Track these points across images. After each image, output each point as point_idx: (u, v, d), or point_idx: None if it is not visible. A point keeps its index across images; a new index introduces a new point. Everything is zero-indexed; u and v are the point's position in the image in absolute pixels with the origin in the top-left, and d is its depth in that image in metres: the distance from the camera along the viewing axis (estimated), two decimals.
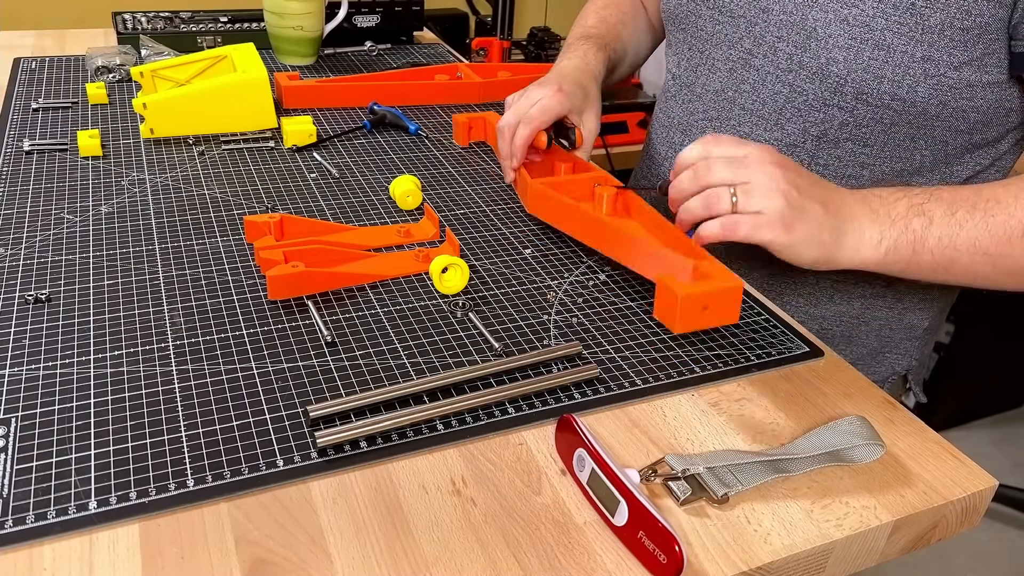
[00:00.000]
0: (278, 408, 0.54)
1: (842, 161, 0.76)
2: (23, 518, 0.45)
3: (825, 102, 0.73)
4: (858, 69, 0.69)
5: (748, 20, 0.76)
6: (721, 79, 0.80)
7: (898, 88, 0.69)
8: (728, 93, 0.79)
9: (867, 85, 0.69)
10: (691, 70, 0.83)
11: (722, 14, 0.78)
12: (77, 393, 0.54)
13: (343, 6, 1.22)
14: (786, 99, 0.75)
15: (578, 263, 0.74)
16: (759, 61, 0.76)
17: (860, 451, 0.54)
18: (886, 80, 0.68)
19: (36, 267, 0.67)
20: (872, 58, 0.68)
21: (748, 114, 0.78)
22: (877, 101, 0.70)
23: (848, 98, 0.71)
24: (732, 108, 0.79)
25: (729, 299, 0.58)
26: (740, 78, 0.78)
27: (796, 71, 0.73)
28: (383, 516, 0.47)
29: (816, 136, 0.75)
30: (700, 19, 0.80)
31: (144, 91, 0.98)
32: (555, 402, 0.56)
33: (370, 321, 0.63)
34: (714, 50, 0.80)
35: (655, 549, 0.44)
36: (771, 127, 0.77)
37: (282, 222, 0.71)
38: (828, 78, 0.71)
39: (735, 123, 0.79)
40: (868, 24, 0.68)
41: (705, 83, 0.82)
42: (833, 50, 0.70)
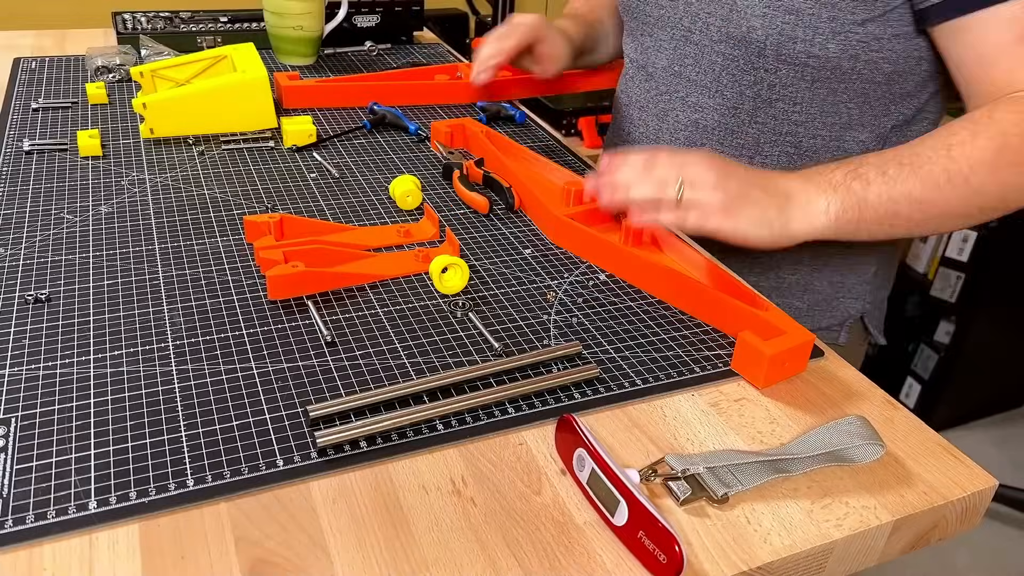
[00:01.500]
0: (278, 408, 0.54)
1: (778, 120, 0.82)
2: (23, 518, 0.45)
3: (753, 66, 0.80)
4: (774, 33, 0.77)
5: (685, 1, 0.84)
6: (668, 56, 0.87)
7: (811, 47, 0.76)
8: (675, 68, 0.87)
9: (784, 47, 0.77)
10: (643, 52, 0.91)
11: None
12: (77, 393, 0.54)
13: (343, 6, 1.22)
14: (722, 67, 0.82)
15: (578, 263, 0.74)
16: (696, 36, 0.84)
17: (860, 451, 0.54)
18: (799, 41, 0.76)
19: (36, 267, 0.67)
20: (784, 22, 0.76)
21: (693, 84, 0.86)
22: (795, 60, 0.77)
23: (770, 60, 0.78)
24: (679, 81, 0.87)
25: (804, 352, 0.62)
26: (683, 53, 0.86)
27: (725, 41, 0.81)
28: (383, 516, 0.47)
29: (752, 97, 0.82)
30: (647, 6, 0.89)
31: (144, 91, 0.98)
32: (555, 402, 0.56)
33: (370, 321, 0.63)
34: (660, 32, 0.88)
35: (655, 549, 0.44)
36: (713, 94, 0.84)
37: (282, 222, 0.71)
38: (751, 44, 0.79)
39: (683, 94, 0.87)
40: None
41: (655, 62, 0.89)
42: (751, 19, 0.77)
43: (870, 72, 0.77)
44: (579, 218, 0.75)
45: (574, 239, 0.75)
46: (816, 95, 0.79)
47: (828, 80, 0.78)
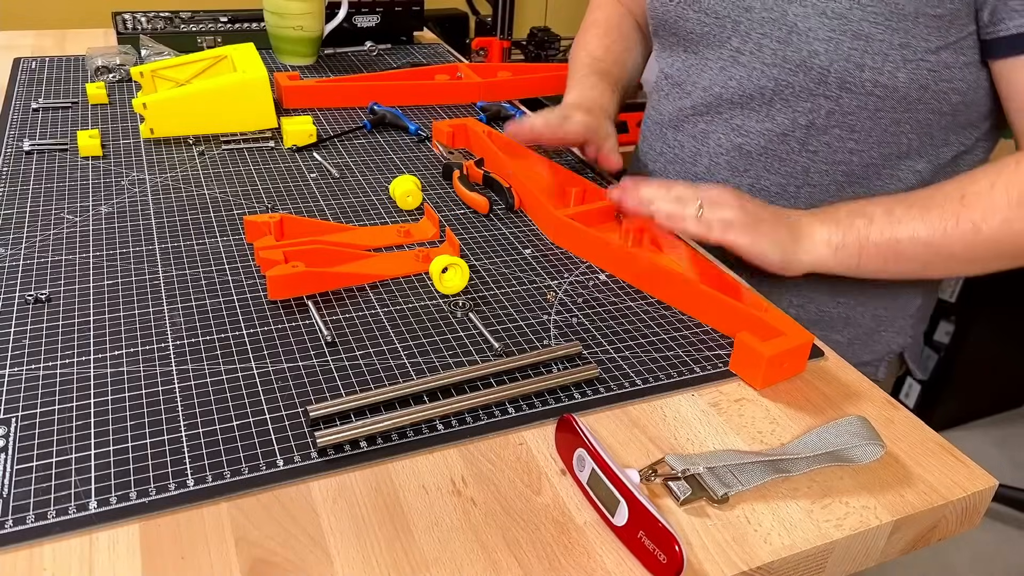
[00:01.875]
0: (278, 408, 0.54)
1: (832, 148, 0.78)
2: (23, 518, 0.45)
3: (811, 92, 0.75)
4: (839, 59, 0.72)
5: (733, 20, 0.79)
6: (711, 76, 0.83)
7: (879, 75, 0.72)
8: (715, 89, 0.82)
9: (849, 74, 0.72)
10: (684, 69, 0.86)
11: (708, 16, 0.81)
12: (77, 393, 0.54)
13: (343, 6, 1.22)
14: (773, 91, 0.78)
15: (578, 263, 0.74)
16: (746, 58, 0.79)
17: (860, 451, 0.54)
18: (867, 68, 0.71)
19: (36, 267, 0.67)
20: (852, 48, 0.71)
21: (738, 108, 0.81)
22: (860, 89, 0.73)
23: (832, 87, 0.74)
24: (722, 103, 0.82)
25: (803, 353, 0.62)
26: (729, 75, 0.81)
27: (781, 65, 0.76)
28: (383, 516, 0.47)
29: (805, 125, 0.77)
30: (688, 22, 0.83)
31: (144, 91, 0.98)
32: (555, 402, 0.56)
33: (370, 321, 0.63)
34: (705, 50, 0.83)
35: (655, 549, 0.44)
36: (761, 118, 0.79)
37: (282, 222, 0.71)
38: (812, 70, 0.74)
39: (727, 116, 0.82)
40: (845, 16, 0.71)
41: (696, 80, 0.84)
42: (814, 43, 0.73)
43: (937, 102, 0.73)
44: (579, 218, 0.75)
45: (574, 239, 0.75)
46: (877, 124, 0.75)
47: (893, 109, 0.74)
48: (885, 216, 0.68)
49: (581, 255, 0.75)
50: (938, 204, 0.67)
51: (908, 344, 0.90)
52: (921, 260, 0.68)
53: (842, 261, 0.69)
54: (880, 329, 0.87)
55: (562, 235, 0.76)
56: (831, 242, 0.68)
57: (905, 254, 0.67)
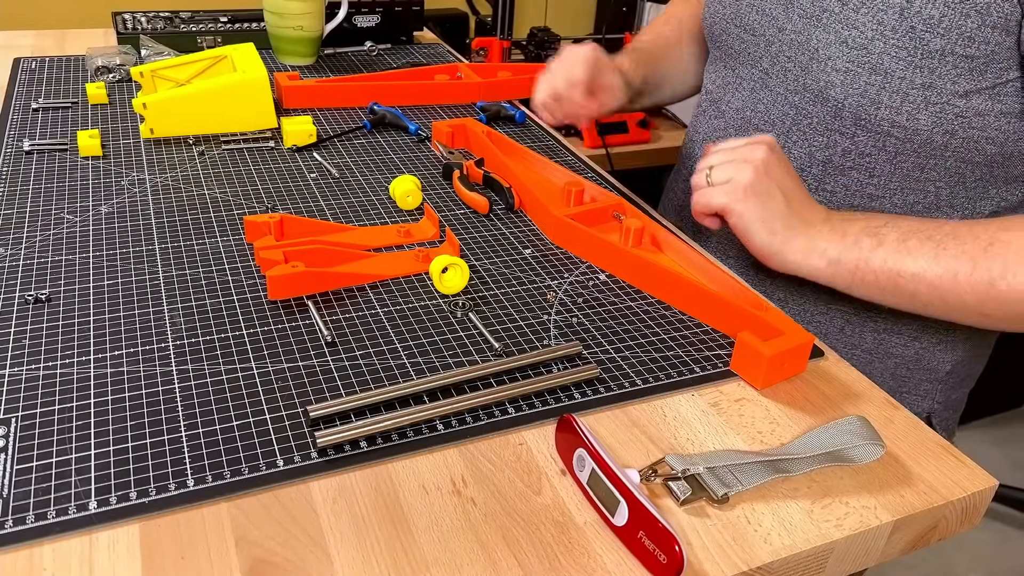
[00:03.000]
0: (278, 408, 0.54)
1: (849, 191, 0.74)
2: (23, 518, 0.45)
3: (827, 127, 0.72)
4: (855, 93, 0.68)
5: (767, 39, 0.76)
6: (743, 97, 0.80)
7: (897, 115, 0.67)
8: (746, 112, 0.80)
9: (864, 110, 0.68)
10: (721, 87, 0.84)
11: (746, 32, 0.78)
12: (77, 393, 0.54)
13: (343, 6, 1.22)
14: (793, 121, 0.75)
15: (578, 263, 0.74)
16: (773, 81, 0.76)
17: (860, 451, 0.54)
18: (883, 106, 0.67)
19: (36, 267, 0.67)
20: (869, 83, 0.67)
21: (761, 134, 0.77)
22: (876, 128, 0.69)
23: (847, 123, 0.70)
24: (748, 127, 0.80)
25: (803, 353, 0.62)
26: (757, 98, 0.78)
27: (801, 93, 0.73)
28: (383, 516, 0.47)
29: (822, 162, 0.74)
30: (729, 37, 0.81)
31: (144, 91, 0.98)
32: (555, 402, 0.56)
33: (370, 321, 0.63)
34: (741, 68, 0.80)
35: (655, 549, 0.44)
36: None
37: (282, 222, 0.71)
38: (828, 101, 0.71)
39: None
40: (866, 47, 0.66)
41: (730, 100, 0.82)
42: (831, 73, 0.69)
43: (968, 151, 0.67)
44: (579, 218, 0.75)
45: (574, 239, 0.75)
46: (899, 169, 0.70)
47: (915, 154, 0.69)
48: (897, 243, 0.62)
49: (581, 255, 0.75)
50: (960, 243, 0.61)
51: (936, 410, 0.84)
52: (921, 300, 0.63)
53: (834, 277, 0.65)
54: (901, 390, 0.82)
55: (562, 235, 0.76)
56: (826, 255, 0.64)
57: (904, 289, 0.63)
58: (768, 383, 0.60)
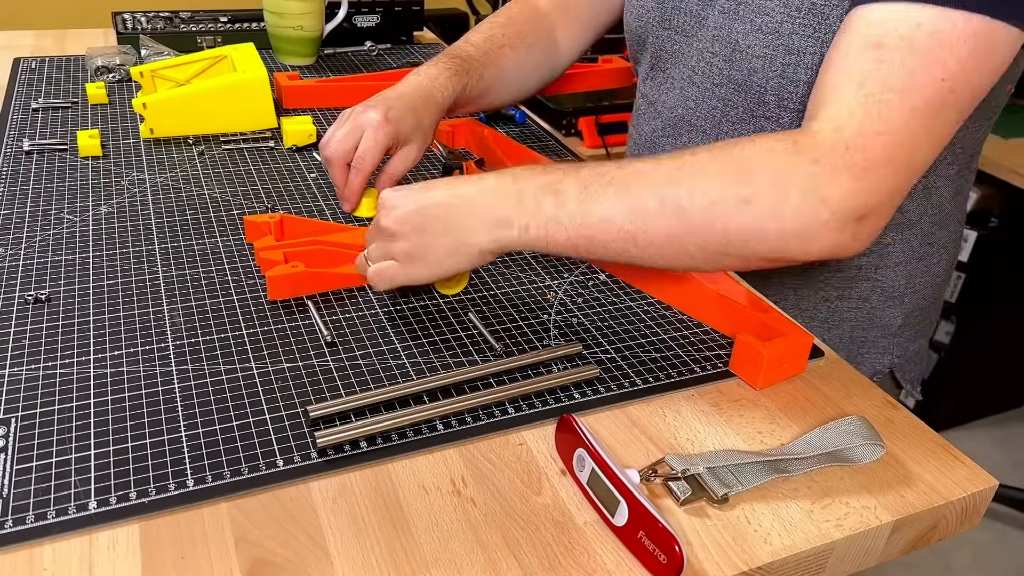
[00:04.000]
0: (278, 408, 0.54)
1: None
2: (23, 518, 0.45)
3: (753, 114, 0.73)
4: (775, 76, 0.69)
5: (695, 37, 0.77)
6: (675, 96, 0.81)
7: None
8: (679, 111, 0.80)
9: (786, 91, 0.69)
10: (655, 88, 0.85)
11: (676, 33, 0.79)
12: (77, 393, 0.54)
13: (343, 6, 1.22)
14: (722, 113, 0.76)
15: (578, 263, 0.74)
16: (699, 77, 0.77)
17: (860, 451, 0.54)
18: (801, 83, 0.68)
19: (36, 267, 0.67)
20: (785, 63, 0.68)
21: (694, 130, 0.79)
22: (798, 106, 0.70)
23: (772, 107, 0.71)
24: (681, 125, 0.81)
25: (803, 353, 0.62)
26: (687, 95, 0.79)
27: (726, 85, 0.74)
28: (383, 516, 0.47)
29: None
30: (658, 39, 0.81)
31: (144, 91, 0.98)
32: (555, 402, 0.56)
33: (370, 321, 0.63)
34: (671, 68, 0.81)
35: (655, 549, 0.44)
36: (711, 140, 0.77)
37: (282, 222, 0.71)
38: (751, 89, 0.72)
39: (685, 140, 0.80)
40: (777, 30, 0.68)
41: (664, 101, 0.83)
42: (752, 60, 0.70)
43: None
44: None
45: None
46: None
47: None
48: (578, 194, 0.57)
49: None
50: (644, 177, 0.56)
51: (897, 363, 0.86)
52: (616, 248, 0.57)
53: (532, 242, 0.59)
54: (861, 351, 0.84)
55: None
56: (513, 226, 0.58)
57: (597, 240, 0.57)
58: (767, 383, 0.60)
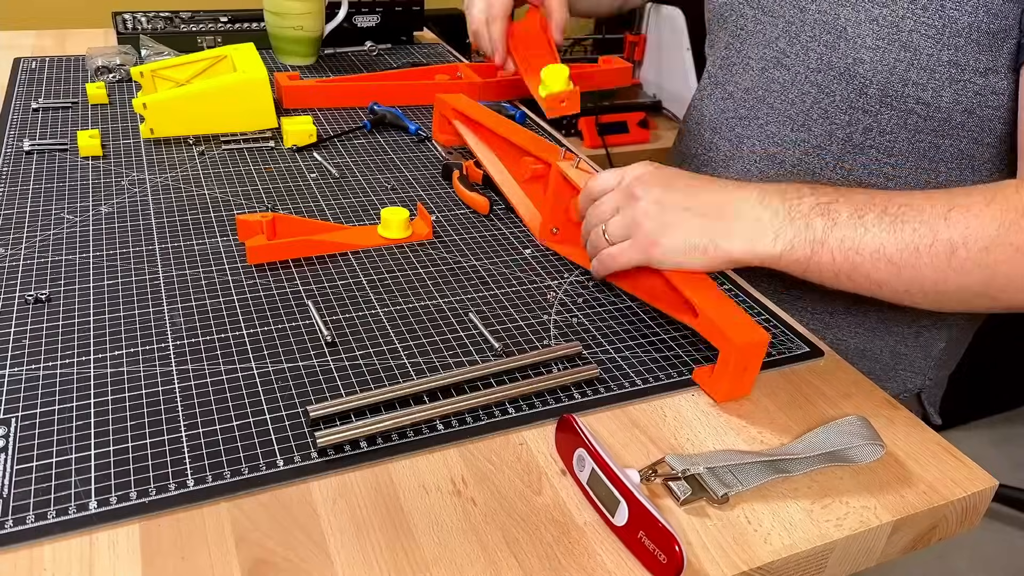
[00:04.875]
0: (278, 408, 0.54)
1: (867, 169, 0.75)
2: (23, 518, 0.45)
3: (851, 104, 0.72)
4: (884, 70, 0.69)
5: (786, 19, 0.76)
6: (753, 77, 0.80)
7: (923, 92, 0.68)
8: (758, 92, 0.79)
9: (892, 87, 0.69)
10: (726, 68, 0.84)
11: (764, 13, 0.78)
12: (77, 393, 0.54)
13: (343, 6, 1.22)
14: (814, 100, 0.75)
15: (579, 263, 0.73)
16: (791, 60, 0.76)
17: (860, 451, 0.54)
18: (911, 83, 0.68)
19: (36, 267, 0.67)
20: (898, 59, 0.68)
21: (776, 113, 0.78)
22: (902, 105, 0.69)
23: (873, 101, 0.71)
24: (761, 107, 0.79)
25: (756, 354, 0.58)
26: (771, 77, 0.78)
27: (825, 71, 0.73)
28: (383, 516, 0.47)
29: (842, 139, 0.74)
30: (742, 17, 0.81)
31: (144, 91, 0.98)
32: (555, 402, 0.56)
33: (370, 321, 0.63)
34: (750, 49, 0.80)
35: (655, 549, 0.44)
36: (798, 128, 0.77)
37: (274, 221, 0.71)
38: (854, 79, 0.71)
39: (763, 122, 0.79)
40: (897, 24, 0.67)
41: (738, 81, 0.82)
42: (861, 50, 0.70)
43: (981, 131, 0.69)
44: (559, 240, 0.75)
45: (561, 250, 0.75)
46: (916, 148, 0.71)
47: (933, 133, 0.70)
48: (852, 220, 0.58)
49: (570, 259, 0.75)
50: (917, 214, 0.57)
51: (927, 386, 0.86)
52: (881, 279, 0.58)
53: (788, 263, 0.59)
54: (898, 366, 0.83)
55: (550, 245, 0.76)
56: (777, 243, 0.58)
57: (863, 269, 0.58)
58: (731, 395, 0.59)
